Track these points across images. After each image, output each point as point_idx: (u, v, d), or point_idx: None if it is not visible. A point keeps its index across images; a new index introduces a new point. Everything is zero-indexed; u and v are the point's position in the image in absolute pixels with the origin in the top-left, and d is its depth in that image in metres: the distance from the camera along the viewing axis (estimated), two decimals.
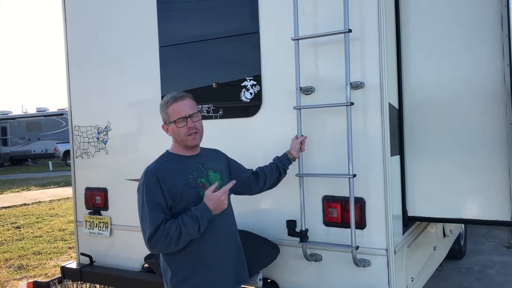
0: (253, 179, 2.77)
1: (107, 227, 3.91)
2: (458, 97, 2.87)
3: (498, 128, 2.77)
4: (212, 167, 2.51)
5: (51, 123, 26.58)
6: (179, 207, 2.33)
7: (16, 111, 49.33)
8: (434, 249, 3.93)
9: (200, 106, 3.32)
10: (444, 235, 4.34)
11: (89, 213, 4.01)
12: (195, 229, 2.23)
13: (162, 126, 2.50)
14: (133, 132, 3.79)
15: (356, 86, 2.78)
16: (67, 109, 4.22)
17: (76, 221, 4.14)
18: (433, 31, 2.90)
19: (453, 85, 2.88)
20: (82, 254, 4.01)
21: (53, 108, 28.20)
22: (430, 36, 2.91)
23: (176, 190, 2.32)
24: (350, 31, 2.73)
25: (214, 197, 2.27)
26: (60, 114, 26.29)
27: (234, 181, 2.41)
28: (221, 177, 2.52)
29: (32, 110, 30.34)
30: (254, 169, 2.82)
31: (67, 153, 24.01)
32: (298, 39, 2.89)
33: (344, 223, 2.86)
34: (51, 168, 23.02)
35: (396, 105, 2.94)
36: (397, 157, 2.95)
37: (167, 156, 2.49)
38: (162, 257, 2.45)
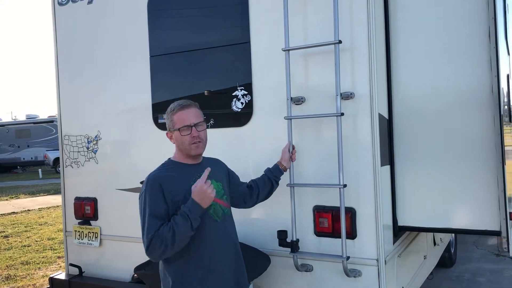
0: (248, 193, 2.77)
1: (96, 237, 3.87)
2: (447, 107, 2.89)
3: (487, 138, 2.79)
4: (213, 176, 2.50)
5: (41, 130, 26.36)
6: None
7: (6, 118, 48.90)
8: (424, 258, 3.95)
9: None
10: (435, 243, 4.36)
11: (79, 223, 3.97)
12: (187, 226, 2.20)
13: (166, 134, 2.50)
14: (123, 142, 3.77)
15: (346, 96, 2.80)
16: (57, 115, 4.18)
17: (66, 231, 4.10)
18: (422, 42, 2.93)
19: (442, 95, 2.90)
20: (71, 264, 3.97)
21: (43, 115, 28.01)
22: (419, 47, 2.94)
23: (178, 197, 2.30)
24: (340, 42, 2.75)
25: (195, 189, 2.24)
26: (50, 121, 26.09)
27: (209, 168, 2.34)
28: (222, 186, 2.52)
29: (22, 117, 30.09)
30: (247, 182, 2.81)
31: (57, 160, 23.79)
32: (288, 50, 2.91)
33: (335, 233, 2.86)
34: (40, 176, 22.80)
35: (386, 115, 2.96)
36: (387, 167, 2.96)
37: (169, 164, 2.48)
38: (161, 265, 2.42)
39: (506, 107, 4.09)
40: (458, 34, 2.84)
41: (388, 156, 2.98)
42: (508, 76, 5.09)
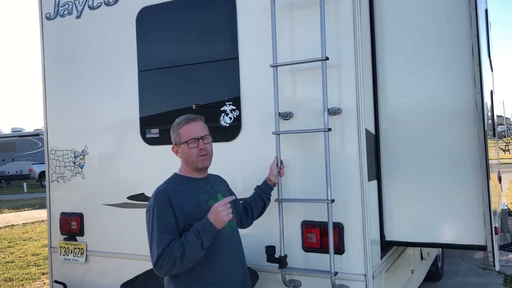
0: (244, 214, 2.78)
1: (82, 253, 3.82)
2: (433, 123, 2.94)
3: (471, 154, 2.83)
4: (220, 190, 2.54)
5: (26, 144, 26.02)
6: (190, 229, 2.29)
7: None
8: (412, 273, 3.96)
9: None
10: (422, 258, 4.38)
11: (64, 239, 3.92)
12: (198, 244, 2.18)
13: (172, 148, 2.50)
14: (110, 156, 3.75)
15: (334, 112, 2.83)
16: (43, 130, 4.14)
17: (51, 247, 4.03)
18: (407, 58, 2.98)
19: (428, 110, 2.95)
20: (56, 281, 3.90)
21: (29, 128, 27.69)
22: (404, 63, 2.99)
23: (187, 211, 2.31)
24: (327, 58, 2.78)
25: (212, 209, 2.24)
26: (36, 134, 25.78)
27: (233, 197, 2.37)
28: None
29: (7, 130, 29.69)
30: (242, 203, 2.82)
31: (42, 174, 23.45)
32: (276, 66, 2.93)
33: (323, 248, 2.86)
34: (25, 190, 22.45)
35: (372, 130, 2.99)
36: (375, 182, 2.99)
37: (176, 178, 2.48)
38: (167, 281, 2.40)
39: (490, 121, 4.16)
40: (443, 50, 2.89)
41: (375, 171, 3.00)
42: (491, 92, 5.20)
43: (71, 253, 3.87)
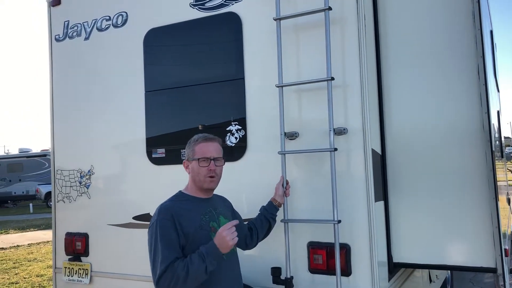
0: (249, 235, 2.75)
1: (87, 274, 3.79)
2: (440, 142, 2.92)
3: (479, 174, 2.81)
4: (222, 212, 2.52)
5: (33, 164, 26.16)
6: (190, 249, 2.27)
7: None
8: None
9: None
10: (430, 280, 4.30)
11: (69, 259, 3.89)
12: (202, 268, 2.17)
13: (183, 162, 2.51)
14: (116, 177, 3.75)
15: (340, 132, 2.82)
16: (50, 150, 4.17)
17: (55, 267, 4.01)
18: (414, 79, 2.99)
19: (434, 130, 2.94)
20: None
21: (36, 149, 27.86)
22: (410, 83, 3.00)
23: (189, 230, 2.30)
24: (332, 79, 2.79)
25: (217, 233, 2.24)
26: (43, 155, 25.93)
27: (237, 221, 2.35)
28: None
29: (14, 151, 29.93)
30: (247, 224, 2.80)
31: (48, 194, 23.49)
32: (282, 86, 2.95)
33: (329, 270, 2.82)
34: (31, 211, 22.46)
35: (379, 150, 2.98)
36: (381, 203, 2.96)
37: (181, 196, 2.48)
38: None
39: (497, 142, 4.14)
40: (448, 71, 2.90)
41: (382, 191, 2.98)
42: (498, 112, 5.18)
43: (75, 273, 3.84)
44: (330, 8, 2.83)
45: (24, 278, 8.25)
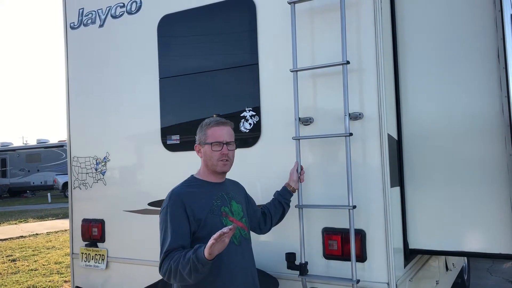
0: (262, 219, 2.74)
1: (103, 260, 3.83)
2: (457, 128, 2.87)
3: (498, 159, 2.75)
4: (234, 197, 2.49)
5: (51, 155, 26.58)
6: (202, 233, 2.26)
7: (17, 142, 49.47)
8: (436, 283, 3.85)
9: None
10: (447, 268, 4.25)
11: (86, 245, 3.95)
12: (187, 270, 2.07)
13: (195, 146, 2.49)
14: (131, 164, 3.77)
15: (355, 117, 2.79)
16: (66, 137, 4.22)
17: (72, 253, 4.07)
18: (431, 63, 2.93)
19: (452, 116, 2.88)
20: (77, 287, 3.92)
21: (53, 140, 28.29)
22: (428, 67, 2.94)
23: (200, 215, 2.28)
24: (348, 62, 2.75)
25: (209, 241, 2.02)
26: (60, 145, 26.33)
27: (236, 225, 2.13)
28: (242, 209, 2.50)
29: (32, 142, 30.40)
30: (261, 209, 2.78)
31: (66, 185, 23.84)
32: (296, 71, 2.92)
33: (344, 256, 2.80)
34: (49, 200, 22.84)
35: (395, 136, 2.93)
36: (397, 188, 2.92)
37: (193, 181, 2.47)
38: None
39: None
40: (468, 53, 2.83)
41: (398, 177, 2.94)
42: None
43: (92, 259, 3.89)
44: None
45: (43, 265, 8.41)
